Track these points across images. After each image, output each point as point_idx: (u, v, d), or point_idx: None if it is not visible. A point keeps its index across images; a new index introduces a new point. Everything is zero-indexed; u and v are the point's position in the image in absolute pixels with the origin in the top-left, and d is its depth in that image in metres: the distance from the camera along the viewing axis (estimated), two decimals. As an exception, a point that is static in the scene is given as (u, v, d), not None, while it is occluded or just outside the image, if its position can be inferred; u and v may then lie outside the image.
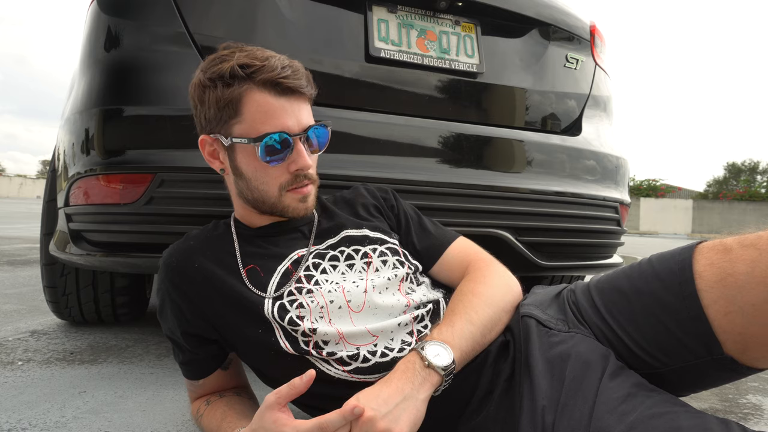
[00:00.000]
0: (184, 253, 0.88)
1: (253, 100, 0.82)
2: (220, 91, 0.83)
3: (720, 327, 0.65)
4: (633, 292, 0.72)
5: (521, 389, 0.74)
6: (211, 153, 0.90)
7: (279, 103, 0.83)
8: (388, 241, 0.92)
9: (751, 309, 0.62)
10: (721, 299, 0.64)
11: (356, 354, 0.78)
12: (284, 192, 0.86)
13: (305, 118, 0.86)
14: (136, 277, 1.73)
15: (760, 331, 0.63)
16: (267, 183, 0.86)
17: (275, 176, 0.85)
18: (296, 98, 0.85)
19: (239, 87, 0.82)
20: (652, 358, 0.71)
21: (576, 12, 1.66)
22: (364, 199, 1.01)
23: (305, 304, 0.81)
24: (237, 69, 0.82)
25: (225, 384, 0.94)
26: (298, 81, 0.84)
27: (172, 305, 0.86)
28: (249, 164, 0.86)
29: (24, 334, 1.63)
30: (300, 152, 0.84)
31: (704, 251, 0.68)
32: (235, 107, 0.83)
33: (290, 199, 0.87)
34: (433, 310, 0.86)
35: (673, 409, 0.62)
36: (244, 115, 0.83)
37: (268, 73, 0.82)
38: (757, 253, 0.63)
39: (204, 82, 0.85)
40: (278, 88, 0.83)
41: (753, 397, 1.31)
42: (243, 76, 0.82)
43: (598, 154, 1.57)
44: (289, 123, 0.83)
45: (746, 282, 0.62)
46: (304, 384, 0.66)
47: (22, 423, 0.98)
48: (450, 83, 1.39)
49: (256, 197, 0.88)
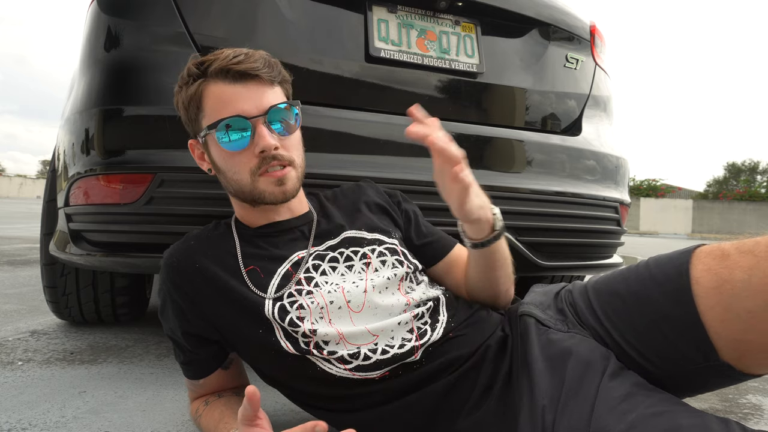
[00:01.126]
0: (186, 253, 0.88)
1: (210, 91, 0.86)
2: (184, 93, 0.88)
3: (716, 334, 0.64)
4: (630, 295, 0.72)
5: (521, 387, 0.74)
6: (199, 156, 0.93)
7: (233, 90, 0.85)
8: (386, 241, 0.93)
9: (748, 316, 0.62)
10: (717, 306, 0.64)
11: (357, 352, 0.78)
12: (257, 177, 0.86)
13: (266, 101, 0.86)
14: (136, 277, 1.73)
15: (757, 338, 0.62)
16: (238, 171, 0.87)
17: (243, 162, 0.86)
18: (253, 83, 0.85)
19: (197, 83, 0.86)
20: (648, 363, 0.70)
21: (576, 12, 1.66)
22: (368, 197, 1.01)
23: (305, 305, 0.81)
24: (192, 68, 0.87)
25: (225, 384, 0.94)
26: (250, 64, 0.85)
27: (173, 305, 0.86)
28: (219, 155, 0.88)
29: (24, 334, 1.63)
30: (261, 134, 0.84)
31: (702, 256, 0.67)
32: (197, 103, 0.87)
33: (265, 184, 0.86)
34: (434, 307, 0.86)
35: (673, 408, 0.62)
36: (206, 109, 0.86)
37: (219, 63, 0.84)
38: (755, 260, 0.62)
39: (175, 89, 0.90)
40: (229, 74, 0.85)
41: (753, 397, 1.31)
42: (198, 72, 0.86)
43: (598, 154, 1.57)
44: (244, 107, 0.84)
45: (743, 289, 0.62)
46: (248, 403, 0.66)
47: (22, 423, 0.98)
48: (450, 83, 1.39)
49: (235, 189, 0.89)
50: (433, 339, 0.80)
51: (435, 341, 0.80)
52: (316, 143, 1.17)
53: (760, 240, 0.64)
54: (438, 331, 0.82)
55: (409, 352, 0.78)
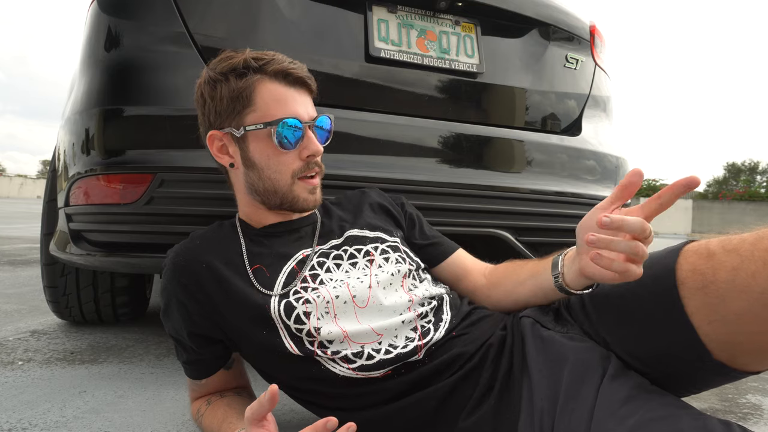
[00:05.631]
0: (192, 252, 0.88)
1: (266, 88, 0.86)
2: (234, 83, 0.87)
3: (706, 335, 0.63)
4: (621, 297, 0.71)
5: (520, 388, 0.74)
6: (219, 148, 0.91)
7: (290, 93, 0.88)
8: (388, 239, 0.93)
9: (735, 318, 0.60)
10: (703, 308, 0.62)
11: (360, 352, 0.78)
12: (296, 180, 0.89)
13: (311, 110, 0.90)
14: (136, 277, 1.73)
15: (746, 339, 0.61)
16: (280, 171, 0.88)
17: (287, 163, 0.88)
18: (304, 90, 0.90)
19: (252, 77, 0.86)
20: (642, 364, 0.70)
21: (576, 12, 1.66)
22: (371, 199, 1.03)
23: (311, 299, 0.81)
24: (250, 60, 0.87)
25: (227, 384, 0.94)
26: (306, 73, 0.90)
27: (178, 305, 0.86)
28: (262, 152, 0.88)
29: (24, 334, 1.63)
30: (311, 138, 0.88)
31: (688, 255, 0.65)
32: (248, 97, 0.87)
33: (301, 189, 0.89)
34: (437, 306, 0.87)
35: (674, 412, 0.61)
36: (258, 104, 0.86)
37: (279, 65, 0.87)
38: (739, 260, 0.60)
39: (215, 77, 0.88)
40: (289, 78, 0.87)
41: (753, 397, 1.31)
42: (256, 67, 0.86)
43: (598, 154, 1.57)
44: (300, 110, 0.87)
45: (728, 291, 0.60)
46: (267, 402, 0.65)
47: (22, 423, 0.98)
48: (450, 83, 1.39)
49: (267, 187, 0.89)
50: (436, 338, 0.81)
51: (438, 340, 0.81)
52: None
53: (746, 237, 0.61)
54: (441, 330, 0.82)
55: (413, 352, 0.79)
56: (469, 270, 0.98)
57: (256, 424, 0.68)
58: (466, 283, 0.97)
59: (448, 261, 0.99)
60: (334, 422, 0.63)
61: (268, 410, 0.67)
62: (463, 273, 0.98)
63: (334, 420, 0.63)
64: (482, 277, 0.97)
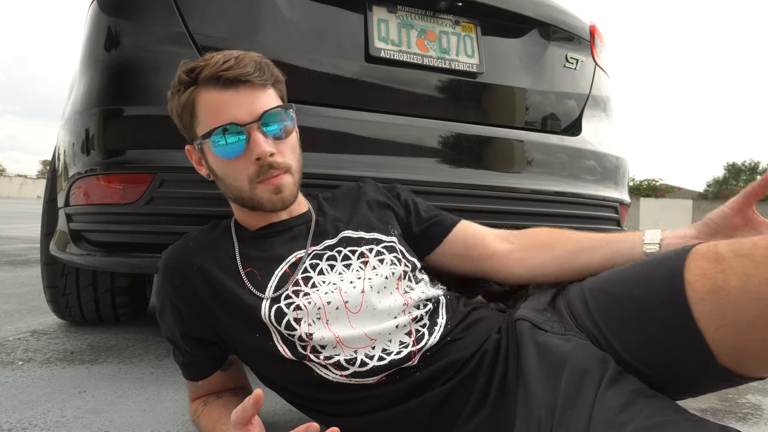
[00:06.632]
0: (184, 254, 0.87)
1: (202, 99, 0.84)
2: (177, 100, 0.87)
3: (713, 340, 0.61)
4: (625, 297, 0.70)
5: (516, 396, 0.73)
6: (197, 161, 0.92)
7: (225, 97, 0.83)
8: (384, 240, 0.92)
9: (745, 325, 0.59)
10: (712, 312, 0.61)
11: (353, 358, 0.77)
12: (255, 184, 0.85)
13: (259, 106, 0.84)
14: (136, 277, 1.73)
15: (756, 346, 0.60)
16: (236, 178, 0.86)
17: (241, 169, 0.85)
18: (245, 88, 0.83)
19: (189, 91, 0.85)
20: (644, 366, 0.69)
21: (576, 12, 1.66)
22: (368, 195, 1.01)
23: (302, 305, 0.80)
24: (182, 75, 0.85)
25: (225, 385, 0.94)
26: (241, 70, 0.82)
27: (171, 307, 0.86)
28: (216, 163, 0.87)
29: (24, 334, 1.63)
30: (256, 140, 0.83)
31: (696, 258, 0.64)
32: (191, 111, 0.86)
33: (262, 192, 0.86)
34: (433, 309, 0.86)
35: (673, 418, 0.60)
36: (200, 116, 0.85)
37: (209, 70, 0.83)
38: (752, 266, 0.58)
39: (170, 94, 0.89)
40: (220, 81, 0.83)
41: (753, 397, 1.31)
42: (189, 80, 0.84)
43: (598, 154, 1.57)
44: (237, 113, 0.82)
45: (739, 297, 0.59)
46: (251, 406, 0.65)
47: (22, 423, 0.98)
48: (450, 83, 1.39)
49: (235, 195, 0.88)
50: (430, 343, 0.79)
51: (432, 345, 0.79)
52: (316, 143, 1.17)
53: (758, 242, 0.60)
54: (435, 335, 0.81)
55: (407, 358, 0.78)
56: (480, 236, 0.95)
57: (242, 428, 0.68)
58: (480, 249, 0.94)
59: (452, 235, 0.97)
60: (315, 428, 0.63)
61: (252, 414, 0.67)
62: (473, 241, 0.95)
63: (315, 426, 0.63)
64: (502, 241, 0.93)
